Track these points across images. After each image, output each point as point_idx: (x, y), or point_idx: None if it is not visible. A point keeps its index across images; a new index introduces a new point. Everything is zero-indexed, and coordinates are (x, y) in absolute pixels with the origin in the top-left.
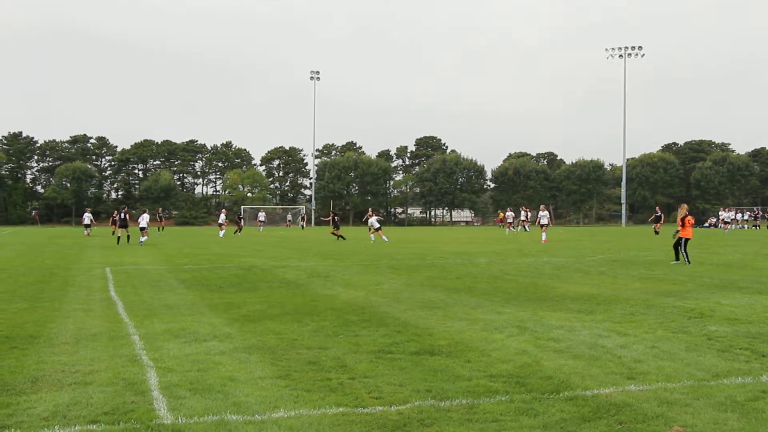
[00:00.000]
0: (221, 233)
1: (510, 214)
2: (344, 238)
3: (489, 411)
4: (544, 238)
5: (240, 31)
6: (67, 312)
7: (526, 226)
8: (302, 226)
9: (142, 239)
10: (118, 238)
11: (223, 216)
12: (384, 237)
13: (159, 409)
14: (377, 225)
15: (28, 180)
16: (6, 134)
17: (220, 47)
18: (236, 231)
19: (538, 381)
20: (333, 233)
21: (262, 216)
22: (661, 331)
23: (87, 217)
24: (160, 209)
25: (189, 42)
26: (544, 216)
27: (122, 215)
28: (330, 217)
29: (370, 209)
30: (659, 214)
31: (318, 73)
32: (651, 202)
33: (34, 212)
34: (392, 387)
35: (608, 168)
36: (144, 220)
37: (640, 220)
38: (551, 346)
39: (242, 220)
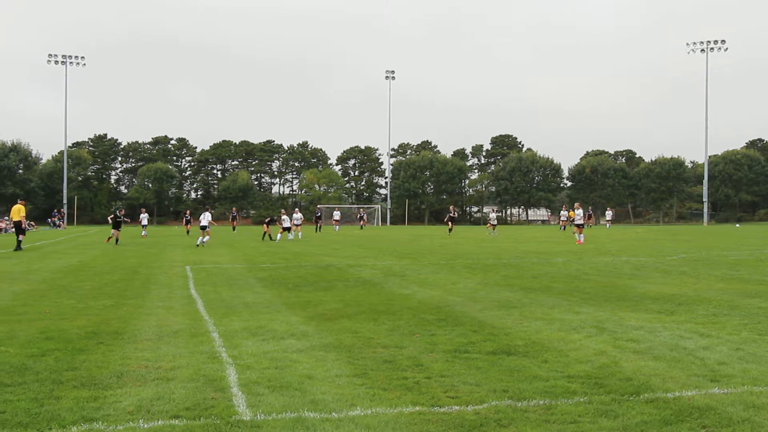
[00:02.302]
0: (291, 236)
1: (492, 216)
2: (273, 240)
3: (567, 412)
4: (578, 239)
5: (315, 31)
6: (150, 309)
7: (564, 226)
8: (361, 226)
9: (203, 239)
10: (116, 239)
11: (297, 216)
12: (290, 235)
13: (238, 406)
14: (298, 222)
15: (112, 180)
16: (92, 136)
17: (296, 48)
18: (317, 229)
19: (617, 382)
20: (268, 234)
21: (337, 215)
22: (747, 332)
23: (144, 218)
24: (188, 211)
25: (265, 43)
26: (577, 216)
27: (118, 216)
28: (268, 220)
29: (296, 209)
30: None
31: (393, 72)
32: (734, 200)
33: (118, 212)
34: (469, 386)
35: (689, 165)
36: (205, 218)
37: (722, 219)
38: (631, 347)
39: (320, 219)
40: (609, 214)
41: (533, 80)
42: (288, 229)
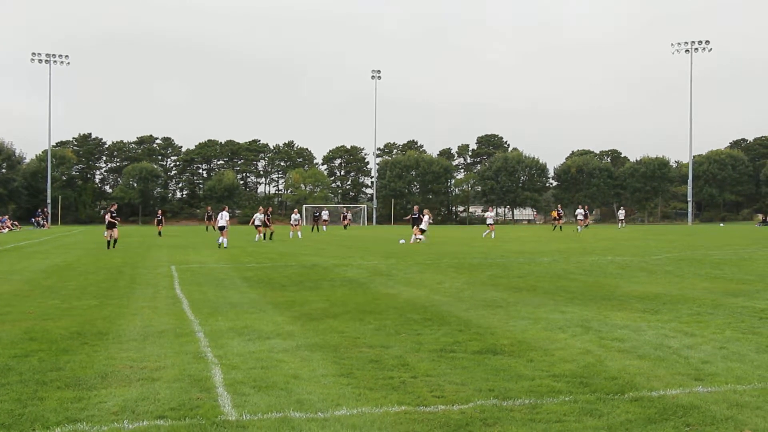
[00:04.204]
0: (293, 234)
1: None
2: (271, 239)
3: (552, 411)
4: (412, 239)
5: (301, 30)
6: (135, 309)
7: (581, 226)
8: (344, 226)
9: (222, 240)
10: (108, 242)
11: (296, 216)
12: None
13: (224, 406)
14: (295, 223)
15: (97, 180)
16: (77, 135)
17: (282, 47)
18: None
19: (602, 381)
20: (269, 233)
21: (325, 215)
22: (730, 331)
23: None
24: (160, 211)
25: (251, 43)
26: (424, 220)
27: (112, 214)
28: (266, 218)
29: (295, 210)
30: None
31: (379, 72)
32: (718, 200)
33: (102, 212)
34: (454, 386)
35: (674, 165)
36: (223, 218)
37: (707, 219)
38: (616, 346)
39: (317, 219)
40: (621, 213)
41: (519, 81)
42: (258, 227)
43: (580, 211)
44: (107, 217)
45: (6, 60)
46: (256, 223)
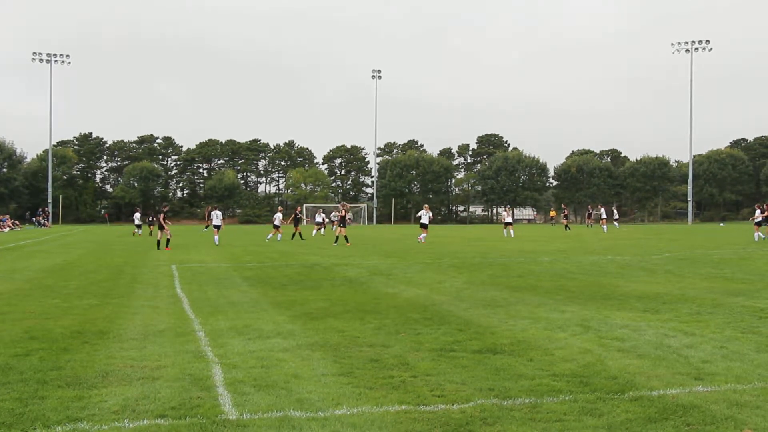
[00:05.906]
0: (316, 232)
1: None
2: (303, 239)
3: (552, 410)
4: (420, 238)
5: (302, 30)
6: (135, 308)
7: (603, 224)
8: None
9: (217, 238)
10: (158, 241)
11: (320, 217)
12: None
13: (224, 405)
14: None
15: (97, 179)
16: (77, 135)
17: (283, 47)
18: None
19: (602, 381)
20: (295, 232)
21: (334, 215)
22: (730, 331)
23: (137, 217)
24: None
25: (252, 42)
26: (425, 216)
27: (165, 215)
28: (293, 216)
29: (320, 210)
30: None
31: (379, 71)
32: (718, 200)
33: (103, 211)
34: (454, 385)
35: (674, 165)
36: (218, 217)
37: (707, 218)
38: (616, 345)
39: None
40: (606, 212)
41: (519, 80)
42: (277, 228)
43: (602, 210)
44: (162, 217)
45: (6, 60)
46: (276, 223)
